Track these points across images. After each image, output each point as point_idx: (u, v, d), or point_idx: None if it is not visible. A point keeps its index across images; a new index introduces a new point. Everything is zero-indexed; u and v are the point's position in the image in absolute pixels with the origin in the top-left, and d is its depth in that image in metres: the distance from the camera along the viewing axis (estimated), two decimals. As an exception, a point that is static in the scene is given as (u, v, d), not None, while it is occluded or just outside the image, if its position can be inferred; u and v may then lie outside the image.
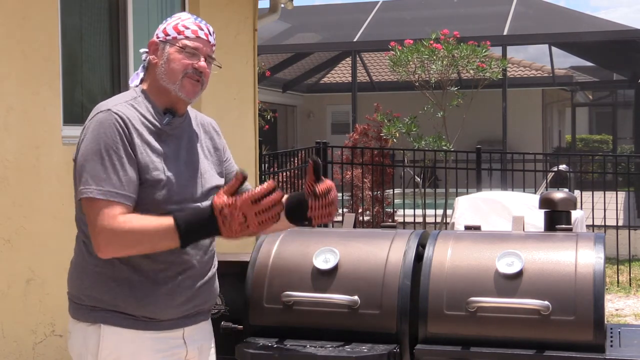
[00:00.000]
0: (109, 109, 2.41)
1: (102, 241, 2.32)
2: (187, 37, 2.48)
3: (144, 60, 2.56)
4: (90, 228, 2.35)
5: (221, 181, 2.62)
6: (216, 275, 2.64)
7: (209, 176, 2.57)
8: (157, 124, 2.47)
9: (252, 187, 2.36)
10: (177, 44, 2.47)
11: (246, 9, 7.31)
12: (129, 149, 2.38)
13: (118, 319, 2.42)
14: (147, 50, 2.55)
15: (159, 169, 2.42)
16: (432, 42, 10.97)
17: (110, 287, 2.42)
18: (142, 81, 2.56)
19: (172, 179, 2.43)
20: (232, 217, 2.26)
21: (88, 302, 2.45)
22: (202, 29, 2.51)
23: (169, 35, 2.49)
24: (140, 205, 2.38)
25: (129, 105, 2.46)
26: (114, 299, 2.42)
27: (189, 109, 2.65)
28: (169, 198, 2.42)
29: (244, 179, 2.29)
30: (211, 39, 2.53)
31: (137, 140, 2.40)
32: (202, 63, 2.48)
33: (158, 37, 2.52)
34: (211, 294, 2.61)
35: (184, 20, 2.52)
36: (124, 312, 2.42)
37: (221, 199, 2.27)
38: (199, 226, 2.31)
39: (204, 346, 2.62)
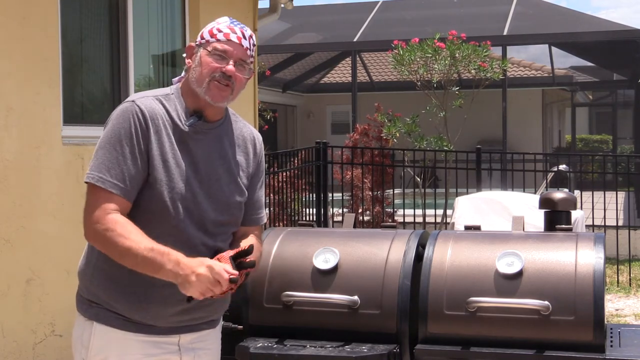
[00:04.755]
0: (133, 100, 2.42)
1: (89, 228, 2.35)
2: (218, 40, 2.45)
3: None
4: (85, 211, 2.37)
5: (243, 198, 2.54)
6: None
7: (229, 190, 2.50)
8: (180, 124, 2.44)
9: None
10: (208, 48, 2.45)
11: (246, 9, 7.31)
12: (142, 143, 2.36)
13: (110, 318, 2.41)
14: (185, 54, 2.54)
15: (170, 169, 2.38)
16: (435, 41, 10.96)
17: (106, 285, 2.42)
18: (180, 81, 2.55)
19: (180, 181, 2.39)
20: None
21: (87, 296, 2.46)
22: (234, 32, 2.46)
23: (204, 39, 2.48)
24: (145, 202, 2.37)
25: (157, 100, 2.44)
26: (108, 297, 2.42)
27: (237, 117, 2.64)
28: (173, 200, 2.38)
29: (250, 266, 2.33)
30: (244, 42, 2.47)
31: (153, 137, 2.38)
32: (230, 67, 2.43)
33: (195, 41, 2.51)
34: (220, 306, 2.55)
35: (219, 24, 2.49)
36: (117, 312, 2.41)
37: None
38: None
39: (202, 355, 2.55)
